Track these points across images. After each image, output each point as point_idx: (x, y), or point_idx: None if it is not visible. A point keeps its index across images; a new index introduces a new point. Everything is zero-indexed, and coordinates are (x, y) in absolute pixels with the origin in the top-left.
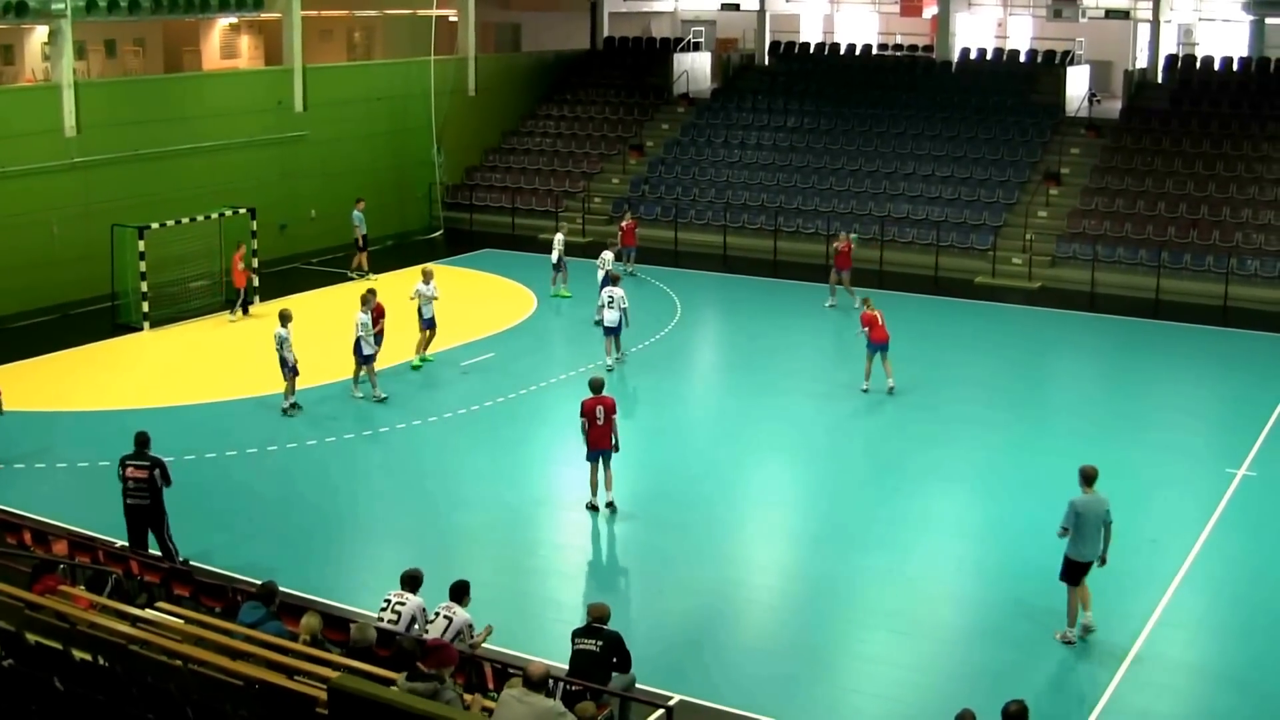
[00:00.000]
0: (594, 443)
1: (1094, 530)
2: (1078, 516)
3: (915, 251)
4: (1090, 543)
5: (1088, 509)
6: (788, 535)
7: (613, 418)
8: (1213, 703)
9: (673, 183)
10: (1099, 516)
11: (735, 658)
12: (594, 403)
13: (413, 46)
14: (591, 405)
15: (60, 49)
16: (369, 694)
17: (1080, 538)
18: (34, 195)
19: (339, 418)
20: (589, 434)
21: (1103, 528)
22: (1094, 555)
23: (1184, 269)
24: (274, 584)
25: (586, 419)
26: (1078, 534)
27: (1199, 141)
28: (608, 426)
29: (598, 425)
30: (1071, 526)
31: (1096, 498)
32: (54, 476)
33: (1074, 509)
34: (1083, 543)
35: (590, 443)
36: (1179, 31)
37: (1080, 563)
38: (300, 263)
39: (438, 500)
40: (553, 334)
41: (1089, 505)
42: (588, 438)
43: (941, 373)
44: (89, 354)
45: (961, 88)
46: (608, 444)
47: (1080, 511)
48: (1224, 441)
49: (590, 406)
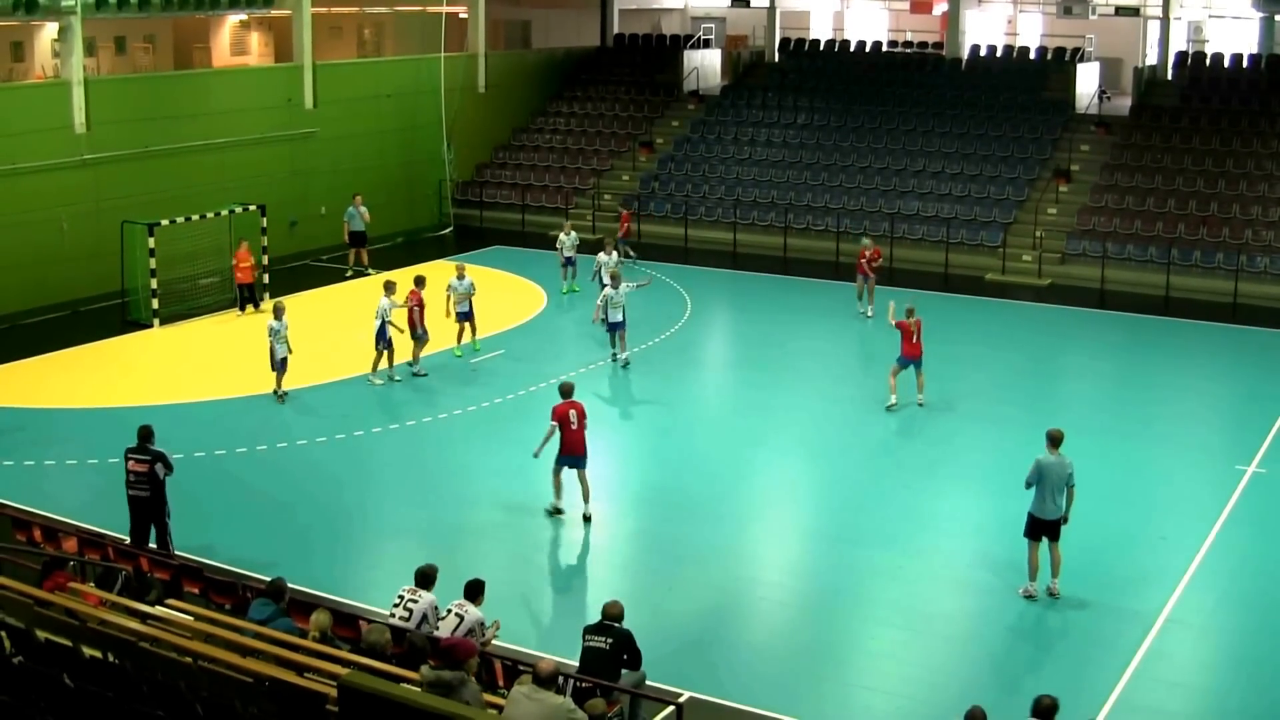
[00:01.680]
0: (570, 448)
1: (1056, 490)
2: (1040, 474)
3: (925, 248)
4: (1050, 501)
5: (1050, 469)
6: (797, 532)
7: (584, 422)
8: (1224, 701)
9: (683, 180)
10: (1061, 478)
11: (745, 655)
12: (566, 407)
13: (423, 43)
14: (564, 410)
15: (70, 46)
16: (379, 691)
17: (1041, 495)
18: (44, 192)
19: (350, 414)
20: (564, 438)
21: (1065, 489)
22: (1055, 514)
23: (1194, 266)
24: (283, 581)
25: (560, 424)
26: (1039, 491)
27: (1209, 138)
28: (582, 431)
29: (571, 429)
30: (1035, 483)
31: (1060, 460)
32: (63, 473)
33: (1038, 465)
34: (1042, 500)
35: (565, 447)
36: (1189, 28)
37: (1040, 519)
38: (310, 259)
39: (447, 497)
40: (562, 331)
41: (1052, 466)
42: (562, 442)
43: (952, 369)
44: (99, 350)
45: (971, 85)
46: (582, 450)
47: (1043, 469)
48: (1234, 438)
49: (563, 411)
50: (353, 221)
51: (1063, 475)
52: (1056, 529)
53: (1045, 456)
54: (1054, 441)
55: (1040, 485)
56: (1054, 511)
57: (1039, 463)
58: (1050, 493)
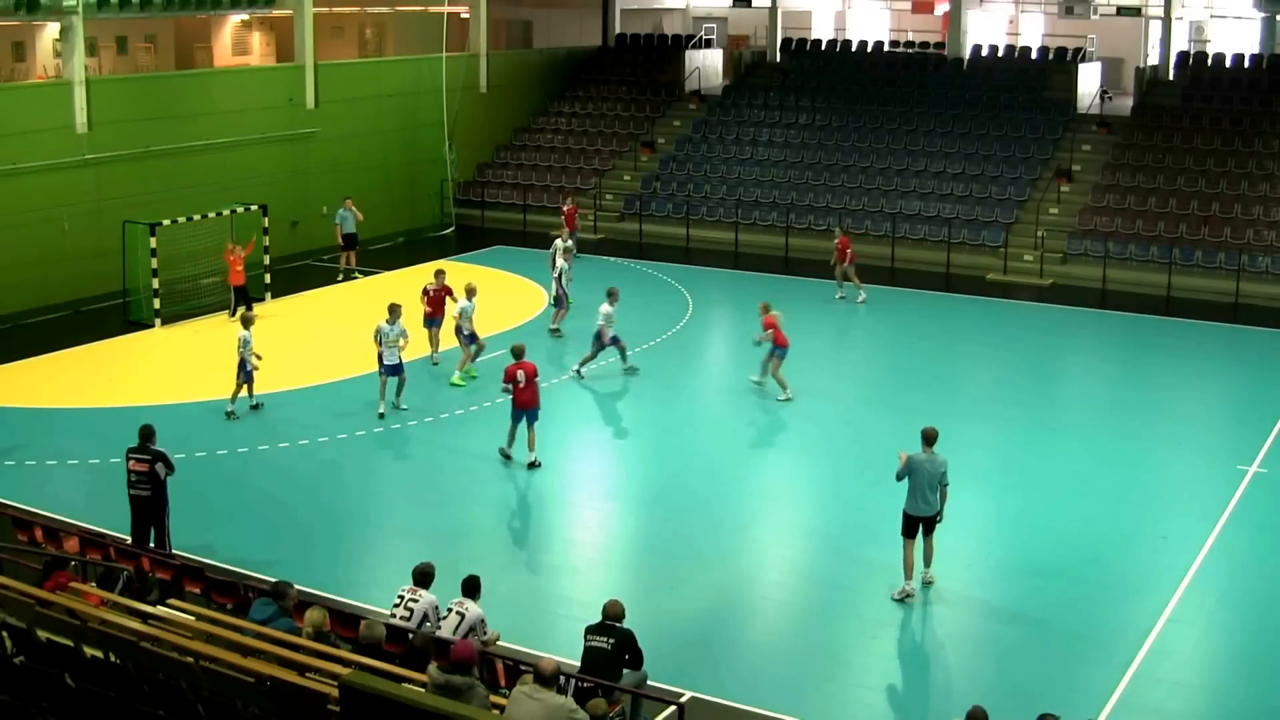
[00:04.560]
0: (521, 403)
1: (928, 486)
2: (911, 471)
3: (927, 248)
4: (923, 499)
5: (921, 466)
6: (798, 532)
7: (534, 380)
8: (1225, 701)
9: (684, 179)
10: (934, 475)
11: (746, 655)
12: (515, 368)
13: (424, 43)
14: (513, 370)
15: (72, 46)
16: (381, 691)
17: (913, 492)
18: (45, 192)
19: (349, 415)
20: (515, 395)
21: (939, 487)
22: (929, 511)
23: (1195, 266)
24: (288, 585)
25: (510, 383)
26: (912, 489)
27: (1210, 138)
28: (531, 388)
29: (519, 387)
30: (905, 477)
31: (933, 458)
32: (65, 473)
33: (908, 463)
34: (915, 497)
35: (516, 402)
36: (1190, 28)
37: (913, 516)
38: (312, 260)
39: (448, 497)
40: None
41: (923, 463)
42: (514, 398)
43: (952, 369)
44: (100, 350)
45: (973, 84)
46: (534, 404)
47: (914, 467)
48: (1235, 438)
49: (512, 372)
50: (345, 224)
51: (935, 473)
52: (932, 524)
53: (918, 454)
54: (927, 440)
55: (912, 482)
56: (927, 509)
57: (910, 459)
58: (922, 489)
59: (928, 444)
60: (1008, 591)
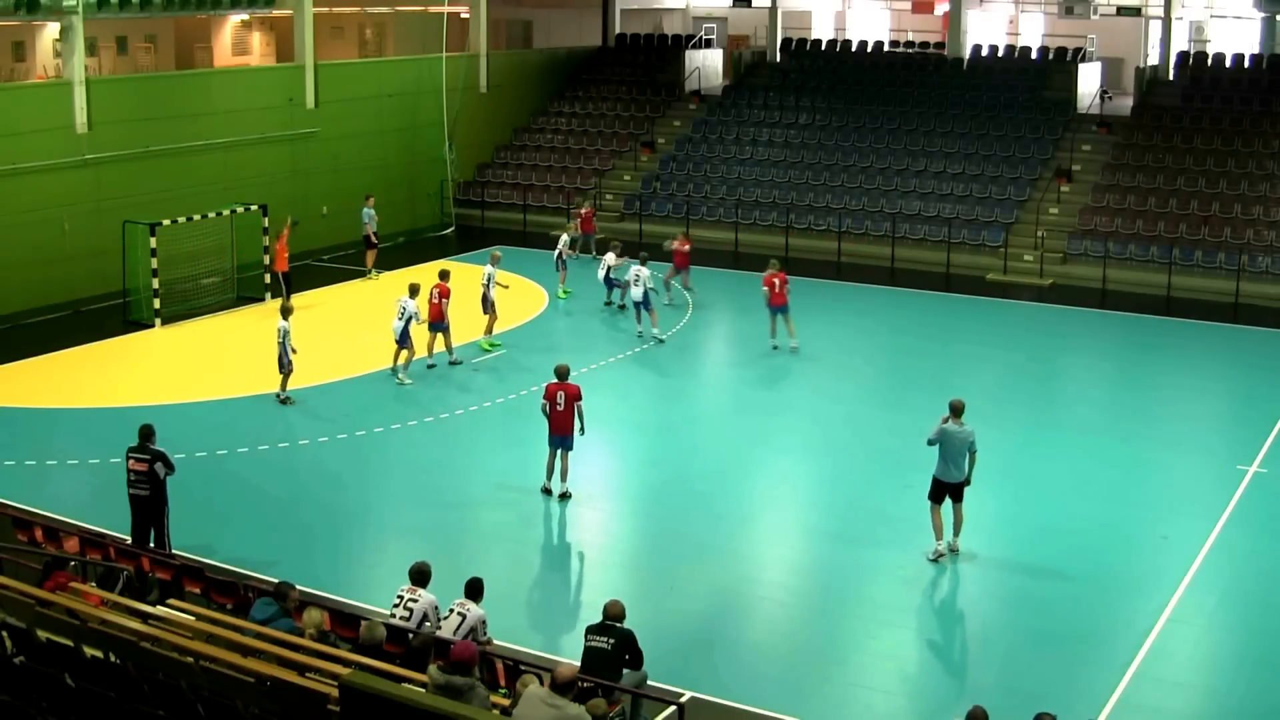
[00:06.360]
0: (555, 429)
1: (958, 454)
2: (942, 437)
3: (927, 248)
4: (955, 465)
5: (952, 435)
6: (799, 531)
7: (576, 404)
8: (1225, 701)
9: (684, 179)
10: (964, 443)
11: (746, 654)
12: (556, 388)
13: (424, 43)
14: (554, 390)
15: (72, 46)
16: (381, 691)
17: (943, 459)
18: (45, 192)
19: (351, 414)
20: (550, 419)
21: (968, 454)
22: (958, 478)
23: (1195, 266)
24: (290, 586)
25: (548, 403)
26: (942, 456)
27: (1210, 138)
28: (569, 413)
29: (558, 410)
30: (937, 443)
31: (962, 428)
32: (65, 473)
33: (940, 429)
34: (945, 463)
35: (551, 427)
36: (1190, 28)
37: (942, 482)
38: (312, 259)
39: (448, 497)
40: (563, 331)
41: (954, 432)
42: (550, 422)
43: (952, 369)
44: (100, 350)
45: (973, 85)
46: (569, 430)
47: (946, 434)
48: (1236, 438)
49: (552, 391)
50: (372, 222)
51: (964, 442)
52: (960, 491)
53: (949, 424)
54: (955, 411)
55: (942, 450)
56: (956, 475)
57: (943, 428)
58: (952, 457)
59: (955, 415)
60: (1007, 591)
